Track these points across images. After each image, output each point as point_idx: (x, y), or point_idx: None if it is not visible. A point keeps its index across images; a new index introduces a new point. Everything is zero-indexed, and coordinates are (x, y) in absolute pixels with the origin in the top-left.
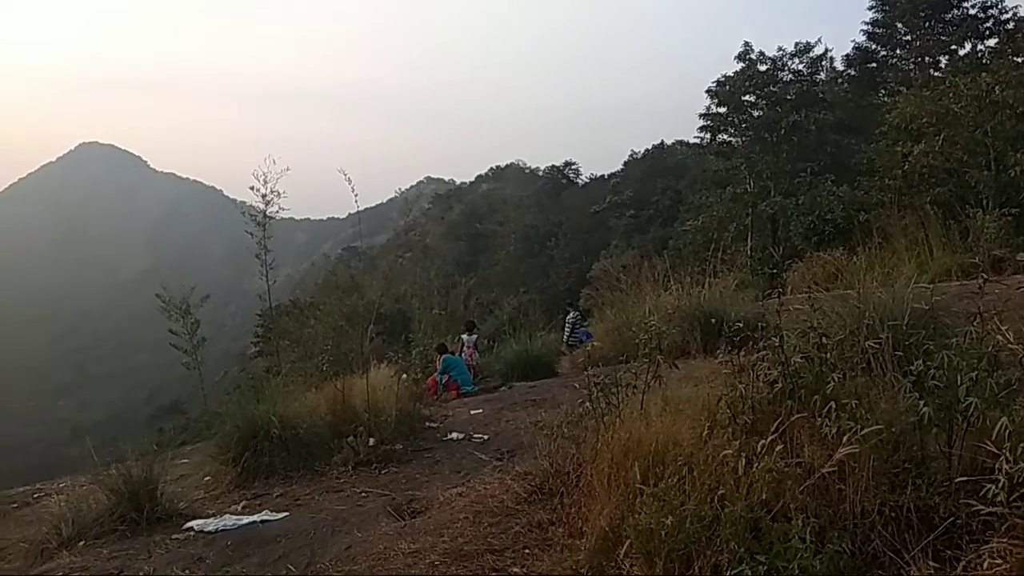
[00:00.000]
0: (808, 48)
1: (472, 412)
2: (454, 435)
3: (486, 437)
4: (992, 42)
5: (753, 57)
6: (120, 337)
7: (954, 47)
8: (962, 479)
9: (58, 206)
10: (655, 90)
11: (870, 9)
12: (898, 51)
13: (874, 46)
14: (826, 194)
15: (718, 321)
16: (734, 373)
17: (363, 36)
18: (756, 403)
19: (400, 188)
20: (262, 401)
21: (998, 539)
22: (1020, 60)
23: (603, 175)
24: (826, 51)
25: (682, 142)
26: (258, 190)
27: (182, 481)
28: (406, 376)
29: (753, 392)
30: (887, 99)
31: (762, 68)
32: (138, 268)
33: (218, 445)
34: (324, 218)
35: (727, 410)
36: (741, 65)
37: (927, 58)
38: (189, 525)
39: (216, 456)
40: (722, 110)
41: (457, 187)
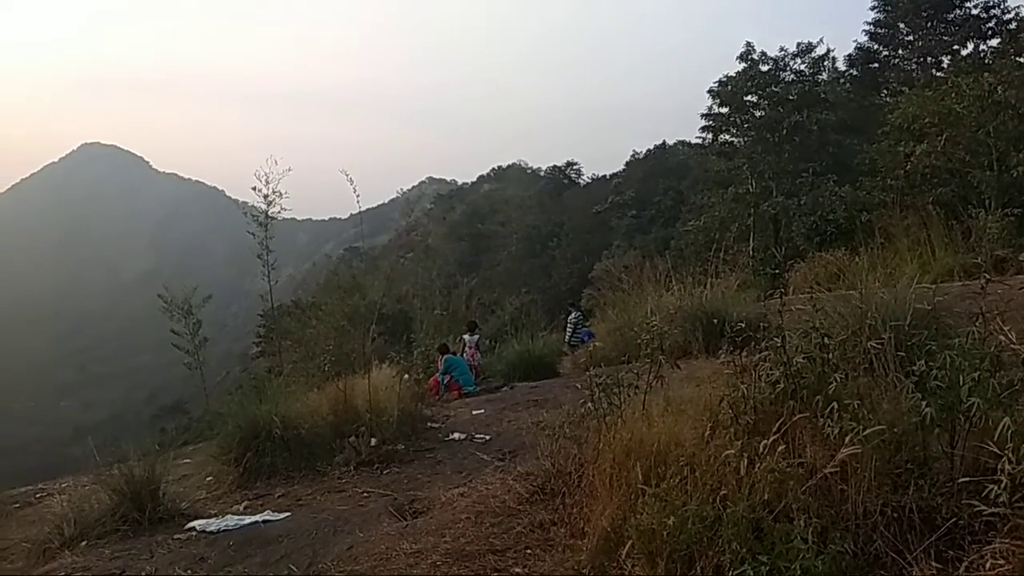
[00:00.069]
0: (810, 48)
1: (474, 412)
2: (456, 435)
3: (488, 437)
4: (994, 42)
5: (755, 57)
6: (122, 337)
7: (956, 47)
8: (964, 480)
9: (60, 206)
10: (657, 90)
11: (872, 9)
12: (900, 51)
13: (876, 46)
14: (828, 194)
15: (720, 321)
16: (736, 373)
17: (364, 36)
18: (758, 403)
19: (402, 188)
20: (264, 401)
21: (1000, 540)
22: (1022, 60)
23: (605, 175)
24: (828, 51)
25: (684, 142)
26: (260, 191)
27: (184, 481)
28: (408, 376)
29: (755, 392)
30: (889, 99)
31: (764, 68)
32: (140, 268)
33: (220, 445)
34: (326, 218)
35: (729, 410)
36: (743, 65)
37: (929, 58)
38: (191, 525)
39: (218, 456)
40: (724, 110)
41: (459, 187)
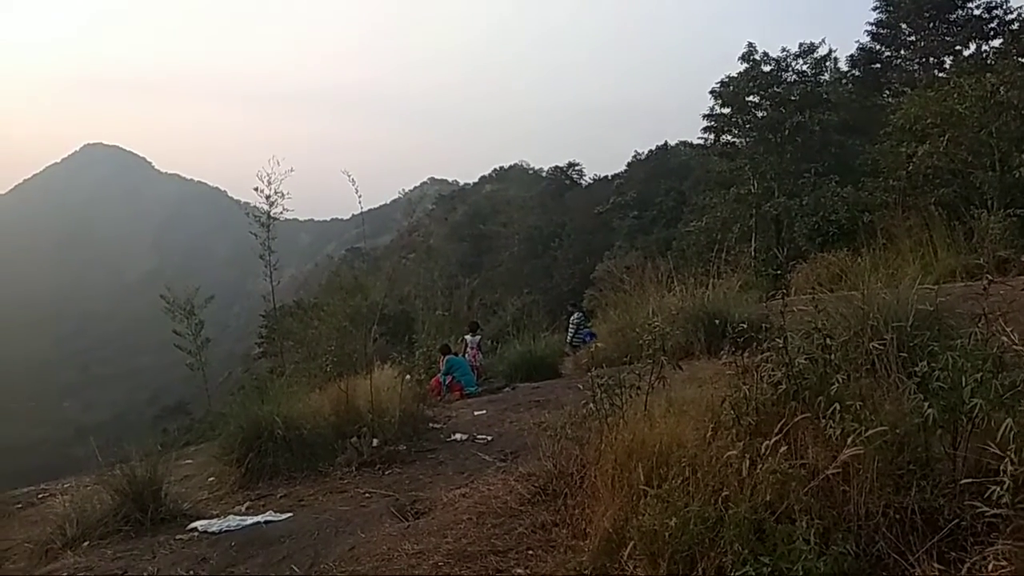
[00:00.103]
0: (812, 49)
1: (476, 413)
2: (458, 436)
3: (490, 438)
4: (997, 43)
5: (757, 58)
6: (125, 338)
7: (958, 48)
8: (967, 481)
9: (63, 207)
10: (658, 91)
11: (874, 10)
12: (902, 52)
13: (878, 47)
14: (830, 195)
15: (722, 322)
16: (738, 374)
17: (365, 36)
18: (760, 404)
19: (404, 189)
20: (266, 402)
21: (1003, 541)
22: None
23: (607, 176)
24: (830, 52)
25: (686, 143)
26: (262, 191)
27: (186, 482)
28: (410, 377)
29: (757, 393)
30: (891, 100)
31: (766, 69)
32: (143, 269)
33: (222, 446)
34: (328, 219)
35: (731, 411)
36: (745, 66)
37: (931, 59)
38: (193, 526)
39: (220, 457)
40: (726, 111)
41: (461, 188)
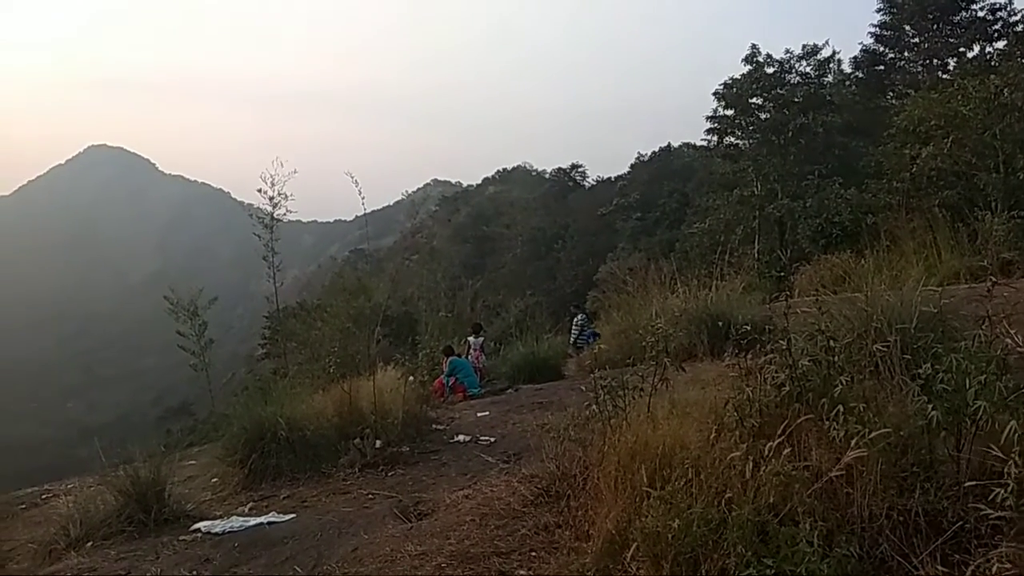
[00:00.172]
0: (815, 50)
1: (479, 414)
2: (461, 437)
3: (493, 439)
4: (1001, 44)
5: (760, 60)
6: (128, 339)
7: (962, 49)
8: (971, 483)
9: (67, 208)
10: (661, 92)
11: (878, 11)
12: (906, 53)
13: (882, 48)
14: (834, 197)
15: (725, 324)
16: (741, 376)
17: (368, 37)
18: (763, 406)
19: (407, 190)
20: (269, 403)
21: (1007, 543)
22: None
23: (610, 177)
24: (834, 53)
25: (689, 144)
26: (266, 193)
27: (189, 483)
28: (413, 378)
29: (760, 395)
30: (895, 102)
31: (769, 70)
32: (146, 270)
33: (225, 447)
34: (331, 220)
35: (734, 413)
36: (748, 67)
37: (935, 60)
38: (196, 526)
39: (223, 458)
40: (729, 112)
41: (464, 189)
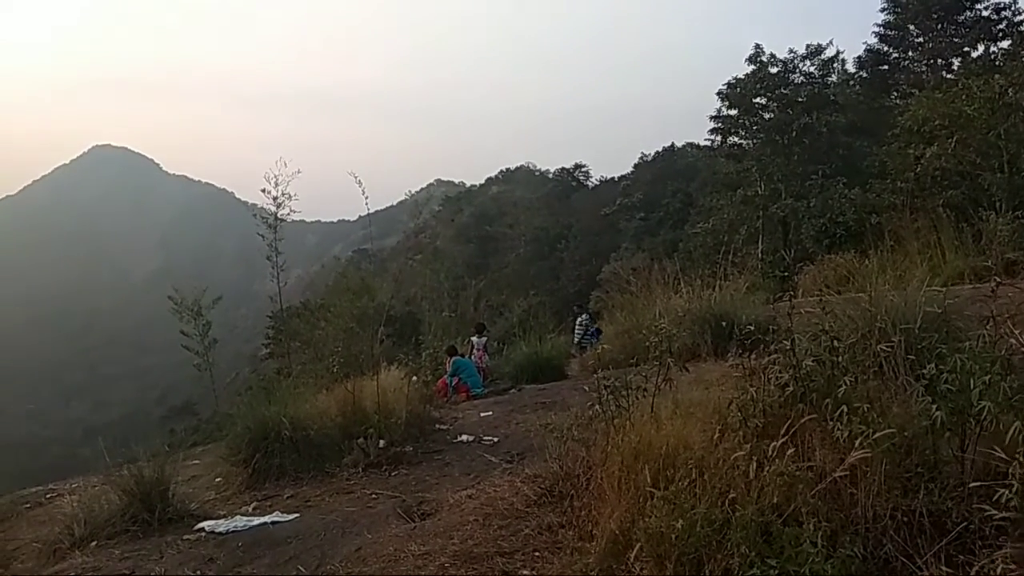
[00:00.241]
0: (819, 50)
1: (482, 414)
2: (464, 437)
3: (496, 439)
4: (1005, 44)
5: (764, 59)
6: (132, 337)
7: (967, 49)
8: (975, 484)
9: (71, 207)
10: (665, 92)
11: (882, 11)
12: (910, 53)
13: (886, 48)
14: (838, 197)
15: (729, 324)
16: (745, 376)
17: (372, 37)
18: (767, 406)
19: (410, 190)
20: (273, 403)
21: (1012, 544)
22: None
23: (613, 177)
24: (837, 53)
25: (692, 144)
26: (269, 192)
27: (193, 482)
28: (416, 378)
29: (764, 395)
30: (899, 101)
31: (773, 70)
32: (150, 269)
33: (229, 446)
34: (334, 220)
35: (738, 413)
36: (752, 67)
37: (939, 60)
38: (200, 526)
39: (227, 457)
40: (733, 112)
41: (467, 189)
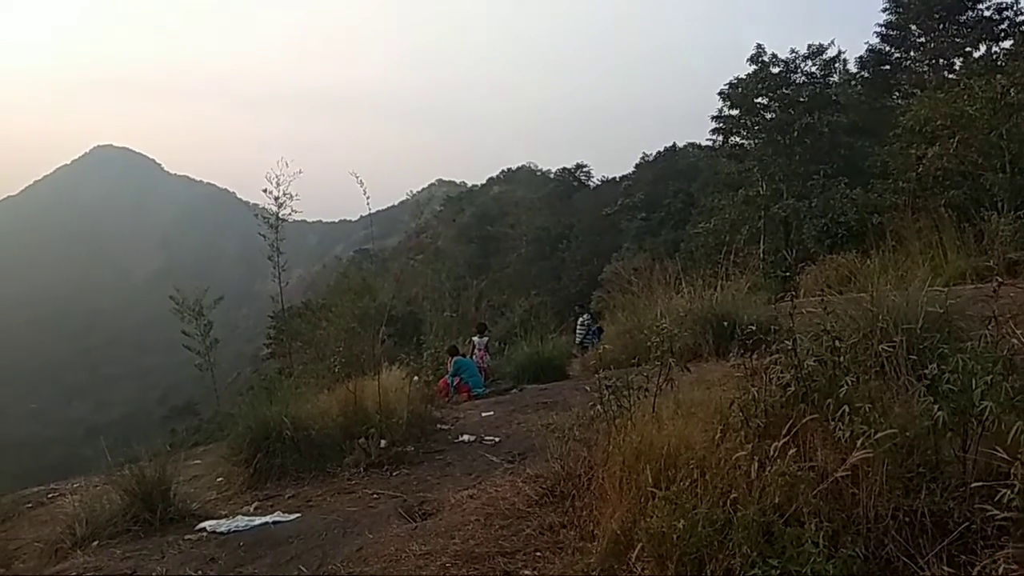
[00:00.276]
0: (821, 50)
1: (483, 414)
2: (465, 437)
3: (497, 439)
4: (1007, 44)
5: (765, 59)
6: (133, 337)
7: (969, 49)
8: (977, 484)
9: (73, 207)
10: (666, 92)
11: (884, 11)
12: (912, 53)
13: (888, 48)
14: (839, 197)
15: (730, 324)
16: (746, 376)
17: (372, 37)
18: (769, 406)
19: (412, 191)
20: (274, 402)
21: (1014, 544)
22: None
23: (615, 177)
24: (839, 53)
25: (694, 144)
26: (271, 193)
27: (195, 482)
28: (418, 378)
29: (766, 395)
30: (901, 101)
31: (775, 70)
32: (151, 269)
33: (231, 446)
34: (336, 220)
35: (739, 413)
36: (753, 67)
37: (941, 60)
38: (202, 526)
39: (229, 457)
40: (734, 112)
41: (468, 189)
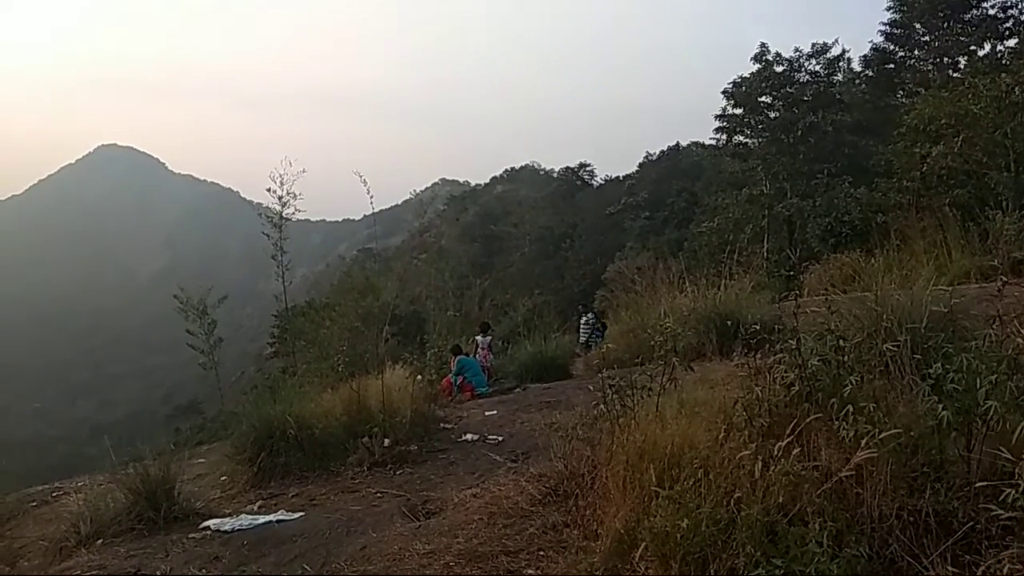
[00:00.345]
0: (825, 49)
1: (487, 413)
2: (469, 436)
3: (500, 438)
4: (1012, 42)
5: (769, 58)
6: (137, 336)
7: (973, 48)
8: (981, 483)
9: (77, 207)
10: (670, 91)
11: (888, 10)
12: (916, 52)
13: (892, 47)
14: (843, 196)
15: (734, 323)
16: (750, 375)
17: (379, 35)
18: (772, 406)
19: (415, 190)
20: (278, 401)
21: (1018, 544)
22: None
23: (618, 176)
24: (843, 52)
25: (697, 143)
26: (275, 192)
27: (199, 481)
28: (421, 377)
29: (769, 395)
30: (905, 100)
31: (779, 69)
32: (156, 268)
33: (234, 445)
34: (339, 219)
35: (743, 413)
36: (757, 66)
37: (946, 59)
38: (206, 524)
39: (232, 456)
40: (738, 111)
41: (472, 189)
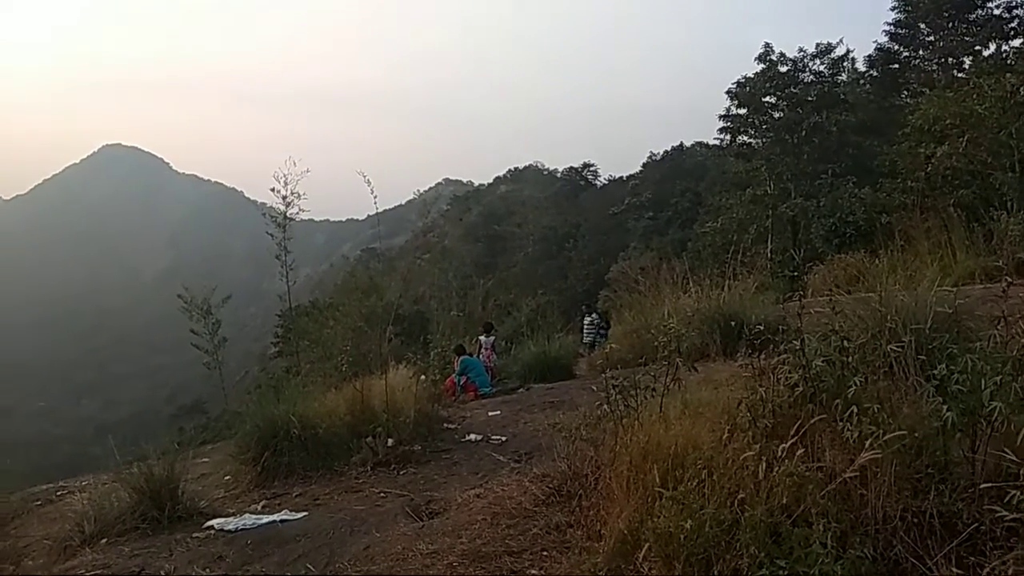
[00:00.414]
0: (829, 49)
1: (490, 413)
2: (472, 436)
3: (504, 439)
4: (1017, 43)
5: (774, 58)
6: (142, 336)
7: (978, 48)
8: (986, 485)
9: (82, 206)
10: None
11: (892, 9)
12: (921, 52)
13: (897, 47)
14: (848, 196)
15: (738, 324)
16: (754, 376)
17: (382, 35)
18: (776, 407)
19: (418, 190)
20: (282, 401)
21: (1023, 546)
22: None
23: (621, 177)
24: (848, 52)
25: (701, 143)
26: (278, 192)
27: (203, 480)
28: (424, 377)
29: (773, 396)
30: (910, 100)
31: (783, 69)
32: (160, 268)
33: (238, 445)
34: (343, 219)
35: (747, 413)
36: (761, 66)
37: (950, 59)
38: (209, 524)
39: (236, 455)
40: (742, 111)
41: (475, 189)
